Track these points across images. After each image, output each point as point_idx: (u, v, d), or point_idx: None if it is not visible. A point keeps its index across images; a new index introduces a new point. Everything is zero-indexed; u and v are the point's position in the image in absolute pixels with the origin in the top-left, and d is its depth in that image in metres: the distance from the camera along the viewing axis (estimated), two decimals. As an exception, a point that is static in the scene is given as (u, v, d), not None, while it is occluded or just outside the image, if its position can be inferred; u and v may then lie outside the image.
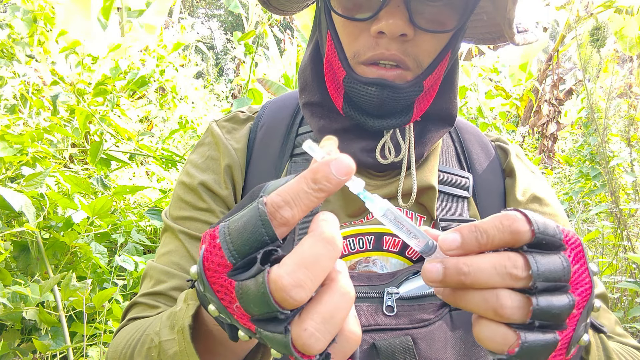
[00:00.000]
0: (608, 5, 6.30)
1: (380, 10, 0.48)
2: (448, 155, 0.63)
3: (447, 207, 0.59)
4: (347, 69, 0.52)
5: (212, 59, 12.64)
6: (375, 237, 0.57)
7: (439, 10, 0.50)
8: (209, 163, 0.62)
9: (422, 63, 0.51)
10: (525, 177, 0.63)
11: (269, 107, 0.66)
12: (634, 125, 2.91)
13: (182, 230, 0.59)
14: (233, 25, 20.00)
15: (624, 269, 2.20)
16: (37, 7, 2.29)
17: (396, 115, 0.53)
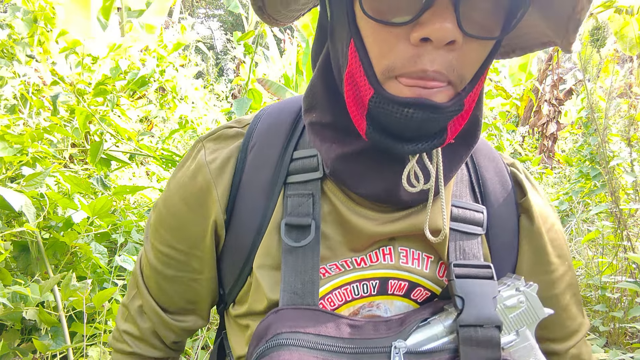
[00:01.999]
0: (608, 5, 6.30)
1: (423, 13, 0.38)
2: (462, 185, 0.56)
3: (460, 249, 0.53)
4: (376, 86, 0.42)
5: (212, 59, 12.63)
6: (380, 281, 0.53)
7: (487, 13, 0.41)
8: (188, 203, 0.56)
9: (465, 77, 0.43)
10: (539, 213, 0.57)
11: (262, 122, 0.57)
12: (634, 125, 2.91)
13: (159, 270, 0.59)
14: (233, 25, 20.00)
15: (624, 269, 2.20)
16: (37, 7, 2.29)
17: (430, 138, 0.44)
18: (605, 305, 2.12)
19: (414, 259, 0.53)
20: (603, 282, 2.13)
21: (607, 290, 2.15)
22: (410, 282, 0.53)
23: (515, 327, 0.51)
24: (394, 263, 0.53)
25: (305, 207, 0.51)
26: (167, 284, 0.59)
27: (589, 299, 2.39)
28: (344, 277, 0.52)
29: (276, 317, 0.48)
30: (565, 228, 3.47)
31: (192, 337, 1.70)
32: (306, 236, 0.50)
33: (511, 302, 0.50)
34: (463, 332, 0.46)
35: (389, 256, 0.52)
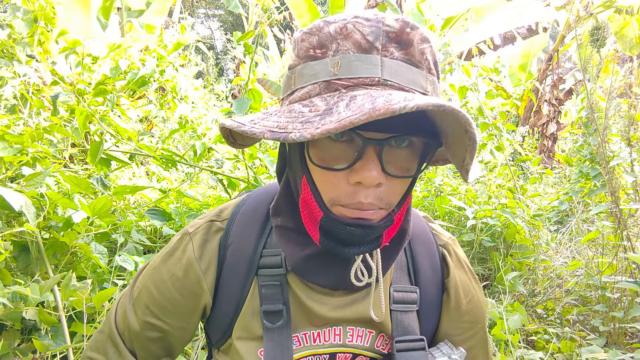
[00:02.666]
0: (608, 5, 6.30)
1: (356, 162, 0.52)
2: (401, 271, 0.71)
3: (401, 324, 0.68)
4: (325, 210, 0.56)
5: (212, 59, 12.62)
6: (330, 355, 0.68)
7: (404, 157, 0.56)
8: (182, 293, 0.70)
9: (392, 203, 0.57)
10: (458, 292, 0.73)
11: (238, 220, 0.70)
12: (634, 125, 2.91)
13: (140, 335, 0.71)
14: (233, 25, 19.98)
15: (624, 269, 2.20)
16: (37, 7, 2.28)
17: (369, 243, 0.59)
18: (605, 305, 2.12)
19: (358, 336, 0.69)
20: (603, 282, 2.13)
21: (607, 290, 2.14)
22: (354, 354, 0.70)
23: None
24: (341, 342, 0.68)
25: (276, 296, 0.66)
26: (152, 344, 0.71)
27: (589, 299, 2.39)
28: (303, 352, 0.68)
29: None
30: (565, 228, 3.47)
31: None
32: (280, 319, 0.65)
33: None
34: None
35: (339, 336, 0.68)
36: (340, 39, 0.52)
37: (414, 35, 0.52)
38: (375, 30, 0.51)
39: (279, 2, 8.54)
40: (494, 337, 1.83)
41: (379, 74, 0.50)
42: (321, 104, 0.50)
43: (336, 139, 0.54)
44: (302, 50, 0.55)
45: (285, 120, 0.50)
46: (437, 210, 2.92)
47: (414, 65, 0.52)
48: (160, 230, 2.25)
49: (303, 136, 0.45)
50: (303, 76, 0.54)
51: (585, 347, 1.88)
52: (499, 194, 3.32)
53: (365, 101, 0.45)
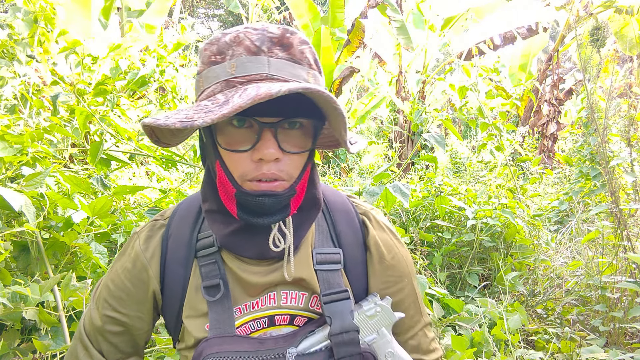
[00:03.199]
0: (608, 5, 6.30)
1: (257, 143, 0.65)
2: (323, 236, 0.81)
3: (326, 282, 0.77)
4: (237, 186, 0.67)
5: (212, 59, 12.61)
6: (269, 318, 0.76)
7: (298, 137, 0.68)
8: (133, 282, 0.79)
9: (292, 174, 0.68)
10: (379, 249, 0.82)
11: (177, 214, 0.81)
12: (634, 125, 2.91)
13: (103, 330, 0.79)
14: (233, 25, 19.96)
15: (624, 269, 2.19)
16: (38, 8, 2.29)
17: (278, 213, 0.69)
18: (605, 305, 2.12)
19: (292, 298, 0.77)
20: (603, 282, 2.13)
21: (607, 290, 2.14)
22: (291, 315, 0.77)
23: (376, 328, 0.76)
24: (276, 305, 0.77)
25: (213, 272, 0.75)
26: (115, 338, 0.79)
27: (589, 299, 2.39)
28: (243, 319, 0.75)
29: (205, 344, 0.71)
30: (565, 228, 3.47)
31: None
32: (218, 292, 0.74)
33: (370, 312, 0.76)
34: (334, 339, 0.71)
35: (273, 300, 0.77)
36: (234, 46, 0.65)
37: (294, 39, 0.65)
38: (261, 37, 0.64)
39: (279, 2, 8.55)
40: (494, 337, 1.84)
41: (266, 71, 0.63)
42: (221, 97, 0.61)
43: (239, 127, 0.66)
44: (205, 58, 0.67)
45: (193, 112, 0.61)
46: (437, 210, 2.92)
47: (295, 62, 0.65)
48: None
49: (205, 122, 0.56)
50: (207, 78, 0.67)
51: (585, 347, 1.88)
52: (499, 194, 3.32)
53: (253, 91, 0.57)
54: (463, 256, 2.85)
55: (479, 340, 1.81)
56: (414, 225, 2.97)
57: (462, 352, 1.60)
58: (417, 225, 2.95)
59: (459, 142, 7.22)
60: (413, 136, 7.07)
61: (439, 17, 7.12)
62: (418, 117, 3.91)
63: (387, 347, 0.76)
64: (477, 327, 1.99)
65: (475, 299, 2.38)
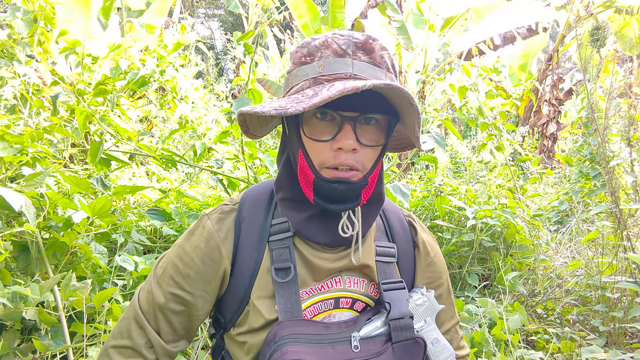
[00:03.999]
0: (608, 5, 6.30)
1: (337, 134, 0.72)
2: (380, 232, 0.89)
3: (383, 272, 0.85)
4: (316, 172, 0.74)
5: (212, 59, 12.62)
6: (334, 300, 0.82)
7: (373, 132, 0.75)
8: (204, 261, 0.81)
9: (366, 166, 0.75)
10: (425, 247, 0.91)
11: (247, 200, 0.85)
12: (634, 125, 2.91)
13: (166, 307, 0.80)
14: (233, 25, 19.97)
15: (624, 269, 2.19)
16: (37, 7, 2.28)
17: (350, 201, 0.76)
18: (605, 305, 2.12)
19: (354, 283, 0.84)
20: (603, 282, 2.13)
21: (607, 290, 2.14)
22: (353, 299, 0.83)
23: (423, 317, 0.84)
24: (342, 287, 0.83)
25: (284, 256, 0.80)
26: (175, 317, 0.81)
27: (589, 299, 2.39)
28: (312, 299, 0.81)
29: (279, 327, 0.75)
30: (565, 228, 3.47)
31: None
32: (288, 275, 0.78)
33: (419, 302, 0.84)
34: (392, 323, 0.77)
35: (339, 283, 0.83)
36: (323, 49, 0.73)
37: (375, 45, 0.73)
38: (347, 41, 0.72)
39: (279, 2, 8.54)
40: (494, 337, 1.84)
41: (350, 71, 0.71)
42: (310, 92, 0.69)
43: (322, 119, 0.73)
44: (296, 59, 0.76)
45: (285, 102, 0.68)
46: (437, 210, 2.92)
47: (376, 65, 0.73)
48: (160, 230, 2.25)
49: (297, 109, 0.63)
50: (297, 76, 0.75)
51: (585, 347, 1.88)
52: (499, 194, 3.32)
53: (340, 85, 0.65)
54: (463, 256, 2.84)
55: (479, 340, 1.81)
56: (414, 225, 2.96)
57: (462, 352, 1.60)
58: (417, 225, 2.95)
59: (459, 142, 7.22)
60: (413, 136, 7.05)
61: (439, 17, 7.12)
62: (418, 117, 3.90)
63: (433, 334, 0.83)
64: (477, 327, 1.99)
65: (475, 299, 2.38)
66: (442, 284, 0.93)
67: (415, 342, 0.79)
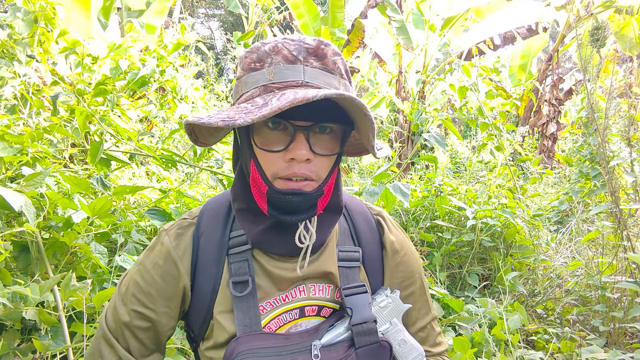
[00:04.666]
0: (608, 5, 6.30)
1: (290, 144, 0.70)
2: (345, 236, 0.87)
3: (346, 277, 0.83)
4: (269, 184, 0.72)
5: (212, 59, 12.61)
6: (299, 309, 0.81)
7: (327, 141, 0.73)
8: (163, 278, 0.80)
9: (321, 176, 0.73)
10: (393, 246, 0.90)
11: (206, 214, 0.84)
12: (634, 125, 2.91)
13: (130, 325, 0.79)
14: (233, 25, 19.97)
15: (624, 269, 2.20)
16: (37, 8, 2.28)
17: (306, 212, 0.74)
18: (605, 305, 2.12)
19: (319, 290, 0.83)
20: (603, 282, 2.13)
21: (607, 290, 2.14)
22: (319, 306, 0.83)
23: (388, 319, 0.82)
24: (306, 296, 0.82)
25: (243, 269, 0.78)
26: (142, 334, 0.80)
27: (589, 299, 2.39)
28: (276, 311, 0.80)
29: (236, 343, 0.74)
30: (565, 228, 3.47)
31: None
32: (245, 288, 0.77)
33: (383, 304, 0.82)
34: (355, 328, 0.77)
35: (303, 292, 0.82)
36: (273, 55, 0.70)
37: (328, 50, 0.71)
38: (298, 47, 0.70)
39: (279, 2, 8.54)
40: (494, 337, 1.84)
41: (302, 78, 0.69)
42: (260, 101, 0.66)
43: (274, 129, 0.71)
44: (245, 64, 0.73)
45: (234, 113, 0.66)
46: (437, 210, 2.92)
47: (328, 72, 0.71)
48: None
49: (245, 121, 0.61)
50: (247, 83, 0.72)
51: (585, 347, 1.88)
52: (499, 194, 3.32)
53: (290, 95, 0.62)
54: (463, 256, 2.84)
55: (479, 340, 1.81)
56: (414, 225, 2.96)
57: (464, 353, 1.60)
58: (417, 225, 2.95)
59: (459, 142, 7.22)
60: (413, 136, 7.07)
61: (439, 17, 7.12)
62: (418, 117, 3.91)
63: (399, 335, 0.83)
64: (477, 327, 1.99)
65: (475, 299, 2.38)
66: (414, 282, 0.91)
67: (380, 345, 0.78)
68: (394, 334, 0.82)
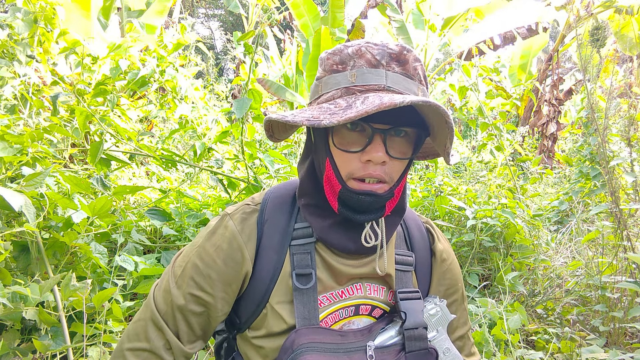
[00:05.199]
0: (608, 5, 6.30)
1: (367, 146, 0.71)
2: (400, 240, 0.89)
3: (401, 280, 0.85)
4: (342, 183, 0.74)
5: (212, 59, 12.62)
6: (355, 307, 0.83)
7: (402, 144, 0.74)
8: (226, 262, 0.80)
9: (393, 178, 0.75)
10: (442, 255, 0.92)
11: (270, 202, 0.84)
12: (634, 125, 2.91)
13: (184, 308, 0.79)
14: (233, 25, 19.96)
15: (624, 269, 2.19)
16: (37, 8, 2.28)
17: (375, 212, 0.76)
18: (605, 305, 2.12)
19: (374, 290, 0.84)
20: (603, 282, 2.13)
21: (607, 290, 2.14)
22: (372, 306, 0.84)
23: (436, 327, 0.84)
24: (362, 294, 0.83)
25: (306, 261, 0.80)
26: (194, 318, 0.80)
27: (589, 299, 2.39)
28: (333, 307, 0.81)
29: (297, 334, 0.75)
30: (565, 228, 3.47)
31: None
32: (309, 281, 0.78)
33: (432, 312, 0.84)
34: (407, 333, 0.78)
35: (360, 290, 0.83)
36: (356, 58, 0.72)
37: (409, 56, 0.72)
38: (381, 52, 0.71)
39: (279, 2, 8.54)
40: (494, 337, 1.83)
41: (384, 82, 0.70)
42: (343, 102, 0.68)
43: (352, 129, 0.72)
44: (328, 66, 0.75)
45: (317, 113, 0.68)
46: (437, 210, 2.92)
47: (409, 77, 0.72)
48: (160, 230, 2.25)
49: (331, 122, 0.62)
50: (328, 84, 0.74)
51: (585, 347, 1.88)
52: (499, 194, 3.32)
53: (375, 99, 0.64)
54: (463, 256, 2.84)
55: (479, 340, 1.81)
56: (414, 225, 2.96)
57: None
58: (417, 225, 2.95)
59: (459, 142, 7.21)
60: (413, 136, 7.06)
61: (439, 17, 7.12)
62: (418, 117, 3.90)
63: (444, 344, 0.85)
64: (477, 327, 1.99)
65: (475, 299, 2.38)
66: (457, 290, 0.94)
67: (428, 352, 0.79)
68: (439, 342, 0.84)
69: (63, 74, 2.60)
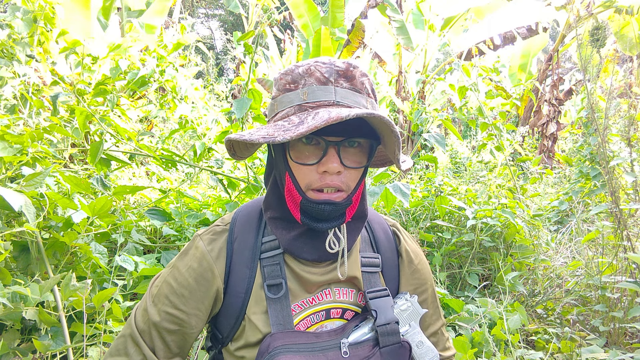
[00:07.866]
0: (608, 5, 6.30)
1: (322, 158, 0.76)
2: (366, 244, 0.94)
3: (369, 281, 0.90)
4: (302, 195, 0.79)
5: (212, 59, 12.61)
6: (325, 311, 0.87)
7: (356, 154, 0.79)
8: (197, 280, 0.85)
9: (350, 186, 0.79)
10: (409, 256, 0.97)
11: (238, 221, 0.90)
12: (634, 125, 2.91)
13: (160, 326, 0.84)
14: (233, 25, 19.96)
15: (624, 269, 2.20)
16: (37, 7, 2.28)
17: (335, 219, 0.81)
18: (605, 305, 2.12)
19: (343, 294, 0.89)
20: (603, 282, 2.13)
21: (607, 290, 2.14)
22: (343, 309, 0.89)
23: (408, 321, 0.89)
24: (332, 299, 0.88)
25: (276, 272, 0.84)
26: (169, 336, 0.84)
27: (589, 299, 2.39)
28: (305, 313, 0.85)
29: (272, 338, 0.79)
30: (565, 228, 3.47)
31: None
32: (280, 290, 0.83)
33: (404, 307, 0.89)
34: (379, 329, 0.82)
35: (329, 295, 0.88)
36: (306, 77, 0.77)
37: (356, 72, 0.77)
38: (329, 69, 0.76)
39: (279, 2, 8.54)
40: (494, 337, 1.84)
41: (333, 98, 0.75)
42: (296, 119, 0.73)
43: (308, 143, 0.77)
44: (281, 85, 0.80)
45: (272, 130, 0.72)
46: (437, 210, 2.92)
47: (357, 91, 0.77)
48: (160, 230, 2.25)
49: (285, 138, 0.66)
50: (282, 103, 0.78)
51: (585, 347, 1.88)
52: (499, 194, 3.32)
53: (325, 114, 0.68)
54: (463, 256, 2.84)
55: (479, 340, 1.81)
56: (414, 225, 2.96)
57: (464, 353, 1.60)
58: (417, 225, 2.95)
59: (459, 142, 7.22)
60: (413, 136, 7.07)
61: (439, 17, 7.12)
62: (418, 117, 3.91)
63: (417, 337, 0.89)
64: (477, 327, 1.99)
65: (475, 299, 2.38)
66: (426, 289, 0.98)
67: (401, 345, 0.84)
68: (412, 336, 0.88)
69: (63, 74, 2.59)
